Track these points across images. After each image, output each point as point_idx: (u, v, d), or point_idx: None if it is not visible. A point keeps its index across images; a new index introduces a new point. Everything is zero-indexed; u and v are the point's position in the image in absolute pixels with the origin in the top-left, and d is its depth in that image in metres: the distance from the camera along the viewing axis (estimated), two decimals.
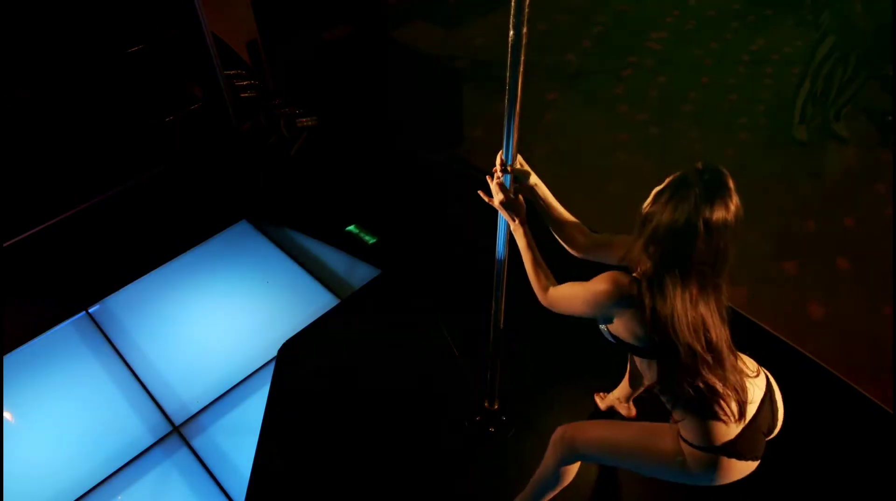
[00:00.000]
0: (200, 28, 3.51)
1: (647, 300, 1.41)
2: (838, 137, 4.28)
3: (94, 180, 3.56)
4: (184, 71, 3.84)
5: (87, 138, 3.54)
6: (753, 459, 1.60)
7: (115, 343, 3.03)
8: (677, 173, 1.42)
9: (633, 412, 2.48)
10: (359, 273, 3.31)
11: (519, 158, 1.71)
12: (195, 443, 2.68)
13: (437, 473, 2.41)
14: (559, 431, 1.85)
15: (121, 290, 3.27)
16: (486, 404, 2.49)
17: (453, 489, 2.37)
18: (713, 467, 1.56)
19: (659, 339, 1.43)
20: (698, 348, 1.42)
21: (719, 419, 1.50)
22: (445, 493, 2.37)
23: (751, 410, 1.56)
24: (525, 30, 1.42)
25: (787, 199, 3.84)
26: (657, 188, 1.45)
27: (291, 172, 3.94)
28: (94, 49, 3.41)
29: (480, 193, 1.75)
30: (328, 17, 4.73)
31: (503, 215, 1.72)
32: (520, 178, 1.73)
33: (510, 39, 1.43)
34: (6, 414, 2.77)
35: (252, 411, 2.74)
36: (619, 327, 1.52)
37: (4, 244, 3.23)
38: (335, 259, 3.42)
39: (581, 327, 2.74)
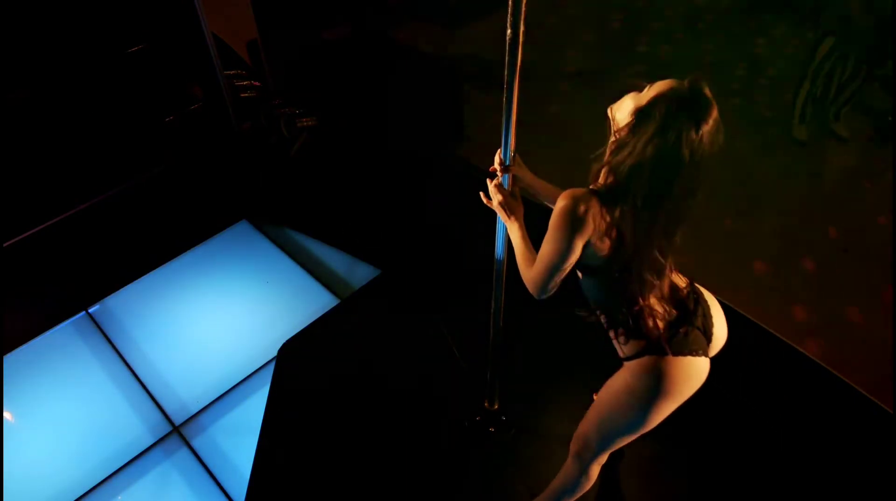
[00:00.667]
0: (200, 28, 3.51)
1: (608, 216, 1.40)
2: (838, 137, 4.28)
3: (94, 180, 3.56)
4: (184, 71, 3.84)
5: (86, 138, 3.54)
6: (694, 354, 1.57)
7: (115, 343, 3.03)
8: (659, 92, 1.33)
9: None
10: (359, 273, 3.31)
11: (517, 158, 1.71)
12: (195, 443, 2.68)
13: (437, 473, 2.41)
14: (573, 441, 1.87)
15: (121, 290, 3.27)
16: (486, 404, 2.49)
17: (453, 489, 2.37)
18: (657, 370, 1.55)
19: (616, 263, 1.46)
20: (649, 276, 1.47)
21: (652, 327, 1.53)
22: (445, 493, 2.37)
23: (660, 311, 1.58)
24: (522, 28, 1.42)
25: (788, 199, 3.84)
26: (635, 105, 1.37)
27: (291, 172, 3.94)
28: (94, 49, 3.41)
29: (481, 194, 1.75)
30: (328, 17, 4.73)
31: (500, 215, 1.72)
32: (518, 178, 1.74)
33: (508, 37, 1.44)
34: (6, 414, 2.77)
35: (252, 411, 2.74)
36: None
37: (4, 244, 3.23)
38: (335, 259, 3.42)
39: (581, 326, 2.73)
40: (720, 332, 1.69)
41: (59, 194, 3.45)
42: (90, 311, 3.18)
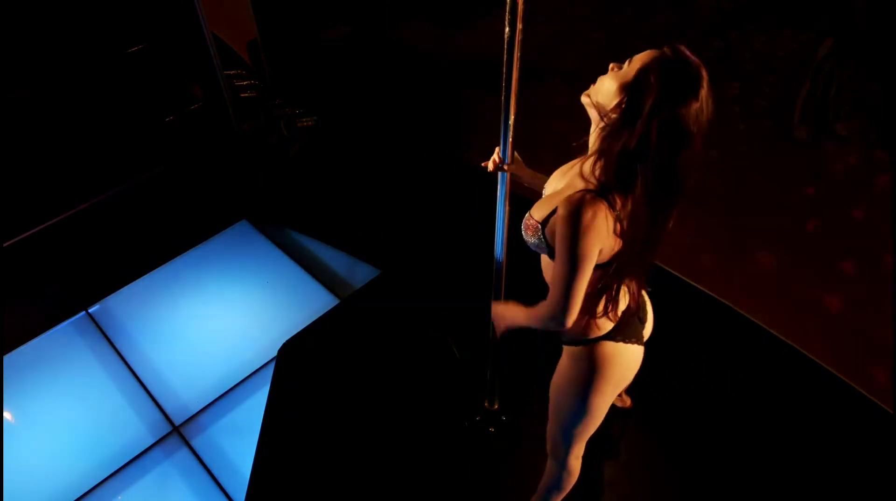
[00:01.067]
0: (200, 28, 3.51)
1: (614, 213, 1.29)
2: (838, 137, 4.28)
3: (94, 180, 3.56)
4: (184, 71, 3.84)
5: (87, 138, 3.54)
6: (637, 343, 1.59)
7: (115, 343, 3.03)
8: (643, 63, 1.24)
9: (629, 402, 2.48)
10: (359, 273, 3.31)
11: (516, 155, 1.71)
12: (195, 443, 2.68)
13: (436, 473, 2.41)
14: (546, 441, 1.87)
15: (121, 290, 3.27)
16: (486, 404, 2.49)
17: (453, 489, 2.37)
18: (593, 354, 1.55)
19: (619, 258, 1.37)
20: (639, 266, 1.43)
21: (611, 315, 1.49)
22: (445, 493, 2.37)
23: (623, 302, 1.53)
24: (520, 26, 1.42)
25: (788, 199, 3.84)
26: (620, 82, 1.26)
27: (291, 172, 3.94)
28: (94, 49, 3.41)
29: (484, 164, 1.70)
30: (328, 17, 4.73)
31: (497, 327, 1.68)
32: (517, 176, 1.73)
33: (506, 36, 1.44)
34: (6, 414, 2.77)
35: (252, 411, 2.74)
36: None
37: (4, 244, 3.23)
38: (335, 259, 3.42)
39: None
40: (650, 323, 1.69)
41: (59, 193, 3.45)
42: (90, 311, 3.18)
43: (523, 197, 1.74)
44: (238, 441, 2.66)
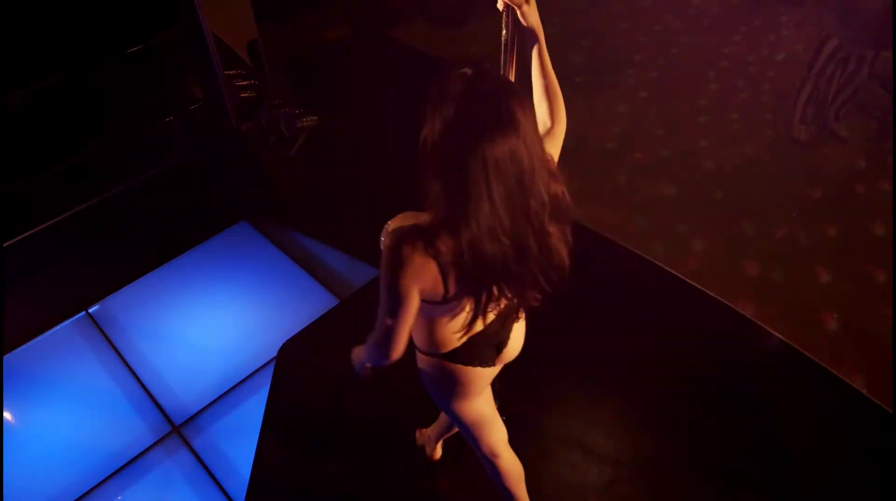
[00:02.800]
0: (200, 28, 3.51)
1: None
2: (838, 137, 4.28)
3: (94, 180, 3.56)
4: (184, 71, 3.84)
5: (87, 138, 3.54)
6: (480, 365, 1.57)
7: (115, 343, 3.03)
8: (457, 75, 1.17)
9: (437, 455, 2.43)
10: (359, 273, 3.31)
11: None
12: (195, 443, 2.68)
13: (436, 473, 2.41)
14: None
15: (121, 290, 3.27)
16: None
17: (453, 489, 2.37)
18: (441, 370, 1.58)
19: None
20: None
21: (446, 331, 1.47)
22: (445, 493, 2.37)
23: (479, 325, 1.48)
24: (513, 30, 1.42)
25: (788, 199, 3.84)
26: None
27: (291, 172, 3.93)
28: (94, 49, 3.41)
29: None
30: (328, 16, 4.73)
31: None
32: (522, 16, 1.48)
33: (503, 38, 1.45)
34: (6, 414, 2.77)
35: (252, 411, 2.74)
36: None
37: (4, 244, 3.23)
38: (335, 259, 3.42)
39: (581, 326, 2.74)
40: (515, 344, 1.65)
41: (59, 193, 3.45)
42: (90, 311, 3.18)
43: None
44: (238, 441, 2.66)
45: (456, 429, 2.20)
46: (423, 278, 1.27)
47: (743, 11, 5.73)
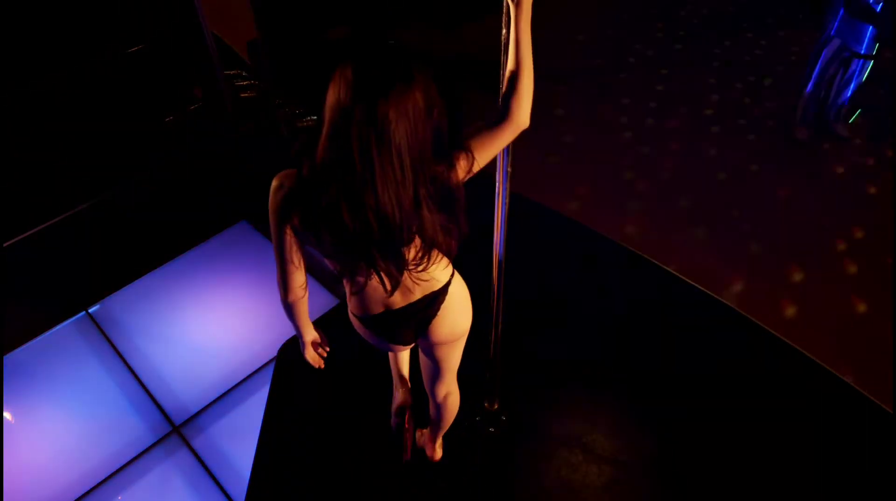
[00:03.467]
0: (200, 28, 3.51)
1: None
2: (838, 137, 4.28)
3: (94, 180, 3.56)
4: (184, 71, 3.84)
5: (87, 138, 3.54)
6: (355, 313, 1.84)
7: (115, 343, 3.03)
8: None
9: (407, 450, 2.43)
10: None
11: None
12: (195, 443, 2.68)
13: (437, 473, 2.41)
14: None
15: (121, 290, 3.27)
16: (486, 404, 2.49)
17: (453, 489, 2.37)
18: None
19: None
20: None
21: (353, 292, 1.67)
22: (445, 493, 2.37)
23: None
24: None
25: (788, 199, 3.84)
26: None
27: None
28: (94, 49, 3.41)
29: None
30: (328, 17, 4.73)
31: None
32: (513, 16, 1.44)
33: (503, 38, 1.45)
34: (6, 414, 2.77)
35: (252, 411, 2.74)
36: None
37: (4, 244, 3.23)
38: None
39: (581, 326, 2.74)
40: (445, 322, 1.80)
41: (59, 193, 3.46)
42: (90, 311, 3.18)
43: (523, 196, 1.74)
44: (238, 441, 2.66)
45: (448, 426, 2.23)
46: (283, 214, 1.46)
47: (743, 12, 5.74)
